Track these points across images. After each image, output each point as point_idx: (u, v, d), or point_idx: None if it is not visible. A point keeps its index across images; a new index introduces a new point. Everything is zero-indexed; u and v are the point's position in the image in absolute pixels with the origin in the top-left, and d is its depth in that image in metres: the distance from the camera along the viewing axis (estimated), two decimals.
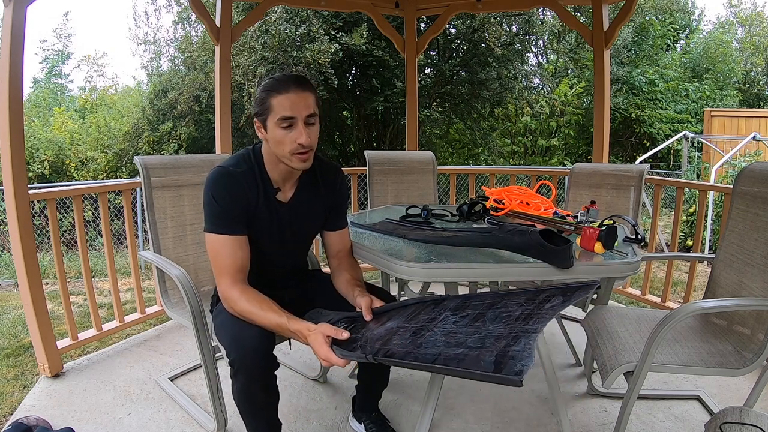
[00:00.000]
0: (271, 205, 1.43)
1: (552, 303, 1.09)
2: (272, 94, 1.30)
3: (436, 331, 1.09)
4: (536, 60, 12.91)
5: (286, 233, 1.49)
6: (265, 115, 1.32)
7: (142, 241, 5.78)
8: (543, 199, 2.11)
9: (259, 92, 1.34)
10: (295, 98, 1.29)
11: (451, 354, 0.98)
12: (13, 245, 2.03)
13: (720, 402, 1.92)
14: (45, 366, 2.12)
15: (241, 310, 1.32)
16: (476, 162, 10.53)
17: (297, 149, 1.31)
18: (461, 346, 0.99)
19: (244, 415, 1.43)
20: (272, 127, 1.31)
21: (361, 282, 1.50)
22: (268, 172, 1.42)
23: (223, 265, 1.35)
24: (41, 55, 15.05)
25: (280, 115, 1.29)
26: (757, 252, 1.54)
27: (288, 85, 1.29)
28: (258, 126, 1.36)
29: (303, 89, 1.30)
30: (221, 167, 1.38)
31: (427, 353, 1.01)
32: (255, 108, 1.35)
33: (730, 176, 6.13)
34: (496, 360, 0.91)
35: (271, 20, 7.70)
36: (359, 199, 3.75)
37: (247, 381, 1.32)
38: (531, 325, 1.01)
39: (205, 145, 8.70)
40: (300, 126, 1.30)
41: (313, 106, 1.32)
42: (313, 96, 1.33)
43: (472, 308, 1.16)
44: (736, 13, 16.86)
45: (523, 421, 1.85)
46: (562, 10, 3.32)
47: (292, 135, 1.30)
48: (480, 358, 0.93)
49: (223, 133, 3.16)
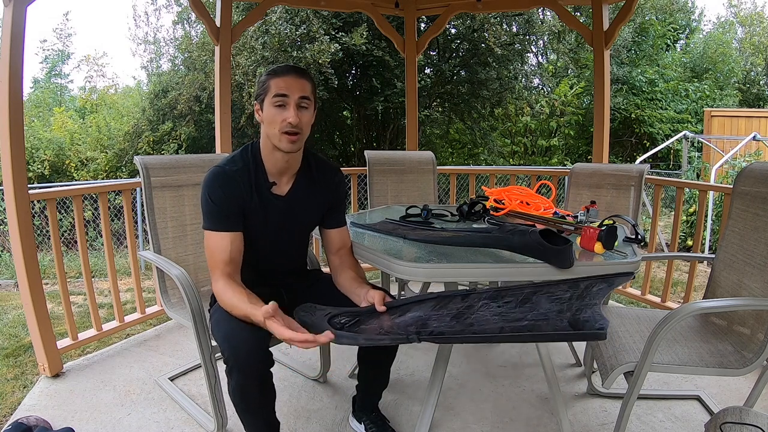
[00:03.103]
0: (265, 199, 1.45)
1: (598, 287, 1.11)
2: (272, 76, 1.39)
3: (482, 313, 1.06)
4: (536, 60, 12.92)
5: (280, 227, 1.50)
6: (263, 95, 1.39)
7: (142, 241, 5.78)
8: (543, 199, 2.11)
9: (260, 77, 1.44)
10: (291, 80, 1.37)
11: (518, 326, 0.96)
12: (13, 245, 2.03)
13: (720, 402, 1.91)
14: (45, 366, 2.12)
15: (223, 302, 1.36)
16: (476, 162, 10.53)
17: (286, 127, 1.37)
18: (525, 320, 0.98)
19: (240, 414, 1.43)
20: (267, 105, 1.39)
21: (367, 280, 1.51)
22: (264, 164, 1.46)
23: (216, 260, 1.40)
24: (41, 55, 15.06)
25: (275, 92, 1.37)
26: (757, 252, 1.54)
27: (287, 70, 1.40)
28: (257, 108, 1.43)
29: (300, 76, 1.39)
30: (217, 167, 1.44)
31: (486, 329, 0.99)
32: (256, 90, 1.44)
33: (730, 176, 6.13)
34: (570, 323, 0.90)
35: (271, 20, 7.70)
36: (359, 199, 3.75)
37: (242, 379, 1.32)
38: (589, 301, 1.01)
39: (205, 145, 8.70)
40: (292, 106, 1.37)
41: (308, 92, 1.40)
42: (309, 84, 1.41)
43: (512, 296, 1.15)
44: (736, 13, 16.87)
45: (523, 421, 1.85)
46: (562, 10, 3.32)
47: (284, 114, 1.37)
48: (554, 324, 0.92)
49: (223, 133, 3.16)
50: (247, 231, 1.44)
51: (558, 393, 1.63)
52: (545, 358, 1.63)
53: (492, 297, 1.17)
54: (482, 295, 1.21)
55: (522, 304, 1.08)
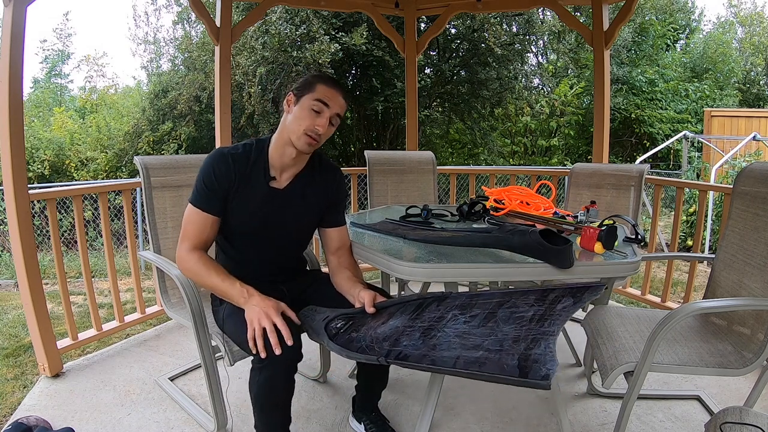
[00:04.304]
0: (259, 188, 1.46)
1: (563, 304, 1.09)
2: (322, 81, 1.43)
3: (447, 332, 1.08)
4: (536, 60, 12.91)
5: (275, 219, 1.50)
6: (305, 91, 1.42)
7: (142, 241, 5.78)
8: (543, 199, 2.11)
9: (308, 76, 1.47)
10: (337, 95, 1.43)
11: (471, 357, 0.98)
12: (13, 245, 2.03)
13: (720, 402, 1.91)
14: (45, 366, 2.12)
15: (188, 268, 1.44)
16: (476, 162, 10.53)
17: (312, 131, 1.40)
18: (479, 349, 1.00)
19: (260, 410, 1.40)
20: (305, 103, 1.41)
21: (362, 279, 1.52)
22: (269, 159, 1.47)
23: (189, 233, 1.45)
24: (41, 55, 15.05)
25: (319, 97, 1.40)
26: (757, 252, 1.54)
27: (336, 83, 1.46)
28: (290, 99, 1.44)
29: (344, 96, 1.46)
30: (219, 148, 1.49)
31: (444, 356, 1.01)
32: (297, 84, 1.46)
33: (730, 176, 6.13)
34: (519, 364, 0.92)
35: (271, 20, 7.70)
36: (359, 199, 3.75)
37: (272, 374, 1.31)
38: (547, 327, 1.01)
39: (205, 145, 8.70)
40: (326, 116, 1.41)
41: (343, 111, 1.46)
42: (346, 106, 1.48)
43: (480, 307, 1.16)
44: (736, 13, 16.87)
45: (523, 421, 1.85)
46: (562, 10, 3.32)
47: (317, 120, 1.40)
48: (503, 362, 0.94)
49: (223, 133, 3.16)
50: (231, 214, 1.46)
51: (558, 393, 1.63)
52: None
53: (462, 307, 1.18)
54: (455, 301, 1.23)
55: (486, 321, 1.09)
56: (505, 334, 1.02)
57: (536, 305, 1.10)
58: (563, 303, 1.09)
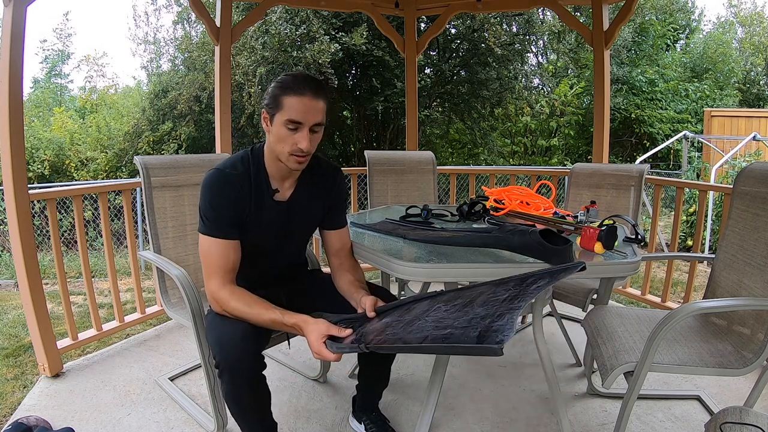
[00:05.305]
0: (268, 206, 1.43)
1: (538, 284, 1.10)
2: (287, 92, 1.29)
3: (426, 320, 1.11)
4: (536, 60, 12.91)
5: (284, 232, 1.49)
6: (275, 110, 1.31)
7: (142, 241, 5.78)
8: (543, 199, 2.11)
9: (273, 86, 1.33)
10: (308, 103, 1.29)
11: (438, 335, 1.00)
12: (13, 245, 2.03)
13: (720, 402, 1.91)
14: (45, 366, 2.12)
15: (233, 309, 1.33)
16: (476, 162, 10.53)
17: (296, 152, 1.33)
18: (448, 328, 1.02)
19: (234, 416, 1.42)
20: (278, 124, 1.31)
21: (364, 284, 1.50)
22: (267, 170, 1.43)
23: (214, 266, 1.36)
24: (41, 55, 15.05)
25: (289, 117, 1.29)
26: (757, 252, 1.54)
27: (304, 88, 1.29)
28: (265, 117, 1.36)
29: (317, 96, 1.30)
30: (218, 169, 1.38)
31: (416, 337, 1.04)
32: (266, 100, 1.34)
33: (730, 176, 6.13)
34: (480, 334, 0.94)
35: (271, 20, 7.69)
36: (359, 199, 3.75)
37: (233, 382, 1.31)
38: (515, 304, 1.03)
39: (205, 145, 8.70)
40: (305, 131, 1.31)
41: (322, 116, 1.33)
42: (324, 104, 1.33)
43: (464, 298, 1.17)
44: (736, 13, 16.87)
45: (523, 421, 1.85)
46: (562, 10, 3.32)
47: (296, 137, 1.31)
48: (465, 335, 0.96)
49: (223, 133, 3.16)
50: (246, 237, 1.41)
51: (558, 393, 1.63)
52: (545, 358, 1.63)
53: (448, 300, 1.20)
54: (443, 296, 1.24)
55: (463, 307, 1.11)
56: (476, 314, 1.04)
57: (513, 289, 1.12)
58: (538, 283, 1.11)
